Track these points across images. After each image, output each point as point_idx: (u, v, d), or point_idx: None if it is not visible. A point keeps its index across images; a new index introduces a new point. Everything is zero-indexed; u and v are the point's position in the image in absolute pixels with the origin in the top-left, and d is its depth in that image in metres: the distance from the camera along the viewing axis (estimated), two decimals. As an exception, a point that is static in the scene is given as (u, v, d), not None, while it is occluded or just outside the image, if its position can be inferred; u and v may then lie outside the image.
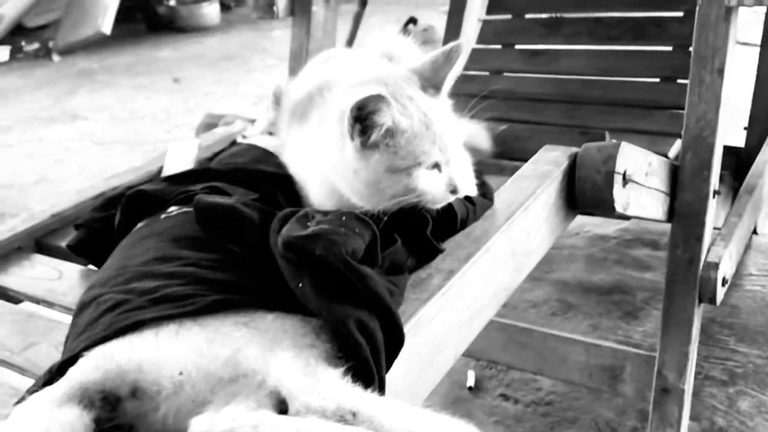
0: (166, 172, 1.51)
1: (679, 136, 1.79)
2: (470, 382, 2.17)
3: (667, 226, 2.71)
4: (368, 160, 1.04)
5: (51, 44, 7.38)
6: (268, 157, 1.33)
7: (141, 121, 5.02)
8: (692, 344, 1.68)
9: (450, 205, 1.12)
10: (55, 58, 7.16)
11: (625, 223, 2.89)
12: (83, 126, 5.05)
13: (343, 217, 0.97)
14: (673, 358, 1.68)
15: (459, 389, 2.14)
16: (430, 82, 1.10)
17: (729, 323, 2.29)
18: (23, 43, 7.56)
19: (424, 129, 1.05)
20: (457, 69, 1.12)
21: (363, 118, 1.01)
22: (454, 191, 1.09)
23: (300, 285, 0.90)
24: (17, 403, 0.85)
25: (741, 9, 1.50)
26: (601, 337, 2.22)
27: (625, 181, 1.36)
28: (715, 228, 1.73)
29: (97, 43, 7.22)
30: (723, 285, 1.65)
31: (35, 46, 7.53)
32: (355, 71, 1.20)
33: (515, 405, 2.06)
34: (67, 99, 5.74)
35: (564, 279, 2.60)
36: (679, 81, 2.10)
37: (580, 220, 2.98)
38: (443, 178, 1.08)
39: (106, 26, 6.78)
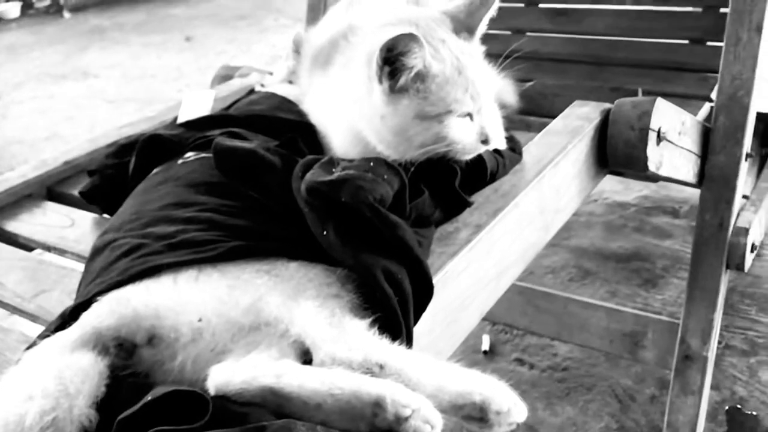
0: (180, 122, 1.46)
1: (707, 100, 1.73)
2: (485, 346, 2.13)
3: (688, 195, 2.67)
4: (397, 105, 0.98)
5: (62, 1, 7.31)
6: (287, 105, 1.28)
7: (152, 79, 4.97)
8: (717, 311, 1.64)
9: (480, 157, 1.07)
10: (66, 14, 7.09)
11: (645, 191, 2.83)
12: (94, 83, 5.00)
13: (371, 163, 0.92)
14: (697, 325, 1.64)
15: (473, 353, 2.11)
16: (464, 25, 1.05)
17: (750, 293, 2.24)
18: (34, 0, 7.49)
19: (457, 74, 0.99)
20: (492, 12, 1.06)
21: (392, 59, 0.95)
22: (485, 141, 1.04)
23: (324, 233, 0.85)
24: (28, 348, 0.81)
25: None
26: (619, 305, 2.17)
27: (660, 138, 1.31)
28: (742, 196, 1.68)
29: (109, 0, 7.15)
30: (752, 251, 1.61)
31: (46, 2, 7.46)
32: (382, 14, 1.14)
33: (531, 370, 2.03)
34: (79, 56, 5.68)
35: (582, 245, 2.55)
36: (709, 43, 2.02)
37: (599, 186, 2.93)
38: (475, 127, 1.02)
39: (118, -17, 6.70)
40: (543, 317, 1.85)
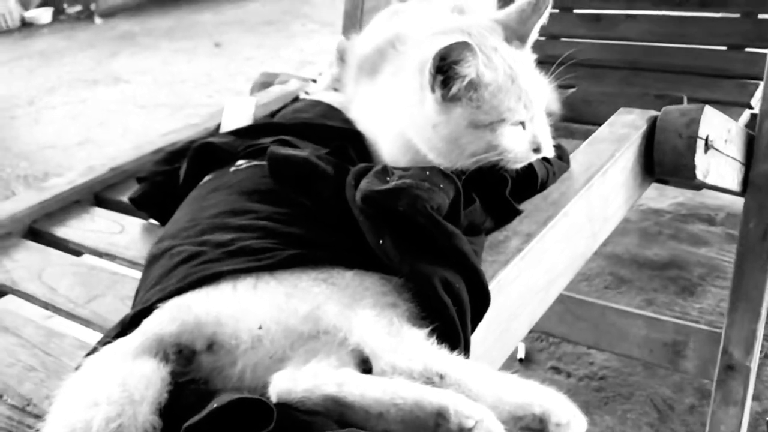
0: (224, 129, 1.47)
1: (747, 107, 1.71)
2: (521, 354, 2.12)
3: (723, 202, 2.64)
4: (449, 114, 0.98)
5: (93, 6, 7.41)
6: (333, 112, 1.28)
7: (183, 84, 5.01)
8: (761, 321, 1.62)
9: (530, 165, 1.06)
10: (97, 20, 7.18)
11: (680, 198, 2.80)
12: (126, 89, 5.06)
13: (427, 172, 0.92)
14: (740, 334, 1.62)
15: (509, 361, 2.09)
16: (516, 33, 1.04)
17: (791, 302, 2.20)
18: (65, 5, 7.59)
19: (510, 83, 0.99)
20: (544, 20, 1.06)
21: (445, 68, 0.95)
22: (537, 150, 1.03)
23: (381, 242, 0.85)
24: (89, 354, 0.82)
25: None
26: (657, 313, 2.15)
27: (707, 146, 1.29)
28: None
29: (139, 6, 7.23)
30: (797, 261, 1.58)
31: (77, 8, 7.56)
32: (430, 23, 1.14)
33: (568, 378, 2.02)
34: (110, 61, 5.75)
35: (617, 252, 2.53)
36: (748, 49, 2.00)
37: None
38: (527, 135, 1.02)
39: (148, -11, 6.77)
40: (581, 325, 1.84)
